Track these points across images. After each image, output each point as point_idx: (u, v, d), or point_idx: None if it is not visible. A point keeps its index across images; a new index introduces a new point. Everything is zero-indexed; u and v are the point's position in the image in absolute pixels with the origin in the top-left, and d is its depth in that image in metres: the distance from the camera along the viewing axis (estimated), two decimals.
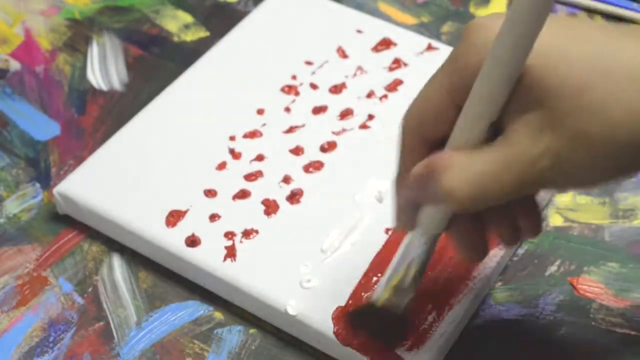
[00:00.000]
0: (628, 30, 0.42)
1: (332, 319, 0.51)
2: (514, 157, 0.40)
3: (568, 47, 0.40)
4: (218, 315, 0.54)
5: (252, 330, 0.54)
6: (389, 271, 0.49)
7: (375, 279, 0.53)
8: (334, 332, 0.51)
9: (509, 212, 0.45)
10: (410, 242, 0.47)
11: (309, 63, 0.64)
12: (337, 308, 0.51)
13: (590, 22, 0.42)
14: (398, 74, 0.64)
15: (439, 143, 0.44)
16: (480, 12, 0.70)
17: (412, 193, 0.45)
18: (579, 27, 0.41)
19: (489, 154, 0.41)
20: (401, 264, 0.48)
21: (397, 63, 0.64)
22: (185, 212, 0.56)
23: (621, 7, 0.70)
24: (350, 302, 0.52)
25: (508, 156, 0.41)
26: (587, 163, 0.40)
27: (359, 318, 0.51)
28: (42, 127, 0.64)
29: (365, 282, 0.53)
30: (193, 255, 0.54)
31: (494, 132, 0.42)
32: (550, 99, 0.40)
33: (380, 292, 0.49)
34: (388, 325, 0.50)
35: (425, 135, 0.44)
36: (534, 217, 0.45)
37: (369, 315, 0.50)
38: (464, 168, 0.41)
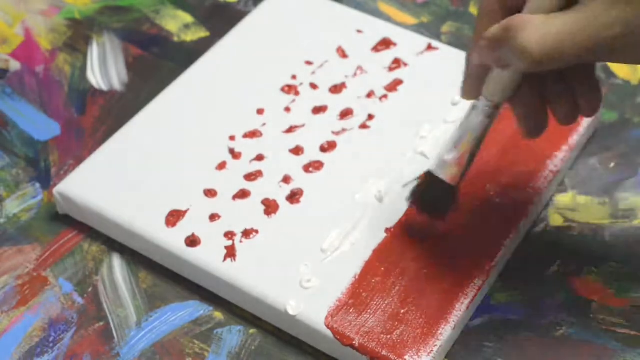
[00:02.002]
0: None
1: (326, 325, 0.51)
2: (588, 20, 0.44)
3: None
4: (218, 315, 0.54)
5: (252, 330, 0.54)
6: (446, 144, 0.52)
7: (374, 279, 0.53)
8: (334, 332, 0.51)
9: (570, 89, 0.48)
10: (469, 115, 0.50)
11: (309, 63, 0.64)
12: (327, 313, 0.52)
13: None
14: (398, 74, 0.64)
15: (515, 12, 0.47)
16: None
17: (483, 55, 0.47)
18: None
19: (564, 17, 0.44)
20: (457, 138, 0.51)
21: (397, 63, 0.64)
22: (185, 212, 0.56)
23: None
24: (351, 301, 0.52)
25: (582, 19, 0.44)
26: None
27: (414, 190, 0.54)
28: (42, 127, 0.64)
29: (365, 282, 0.53)
30: (193, 255, 0.54)
31: (568, 3, 0.45)
32: None
33: (435, 164, 0.52)
34: (438, 197, 0.53)
35: (503, 1, 0.48)
36: (594, 95, 0.49)
37: (423, 187, 0.53)
38: (540, 27, 0.44)
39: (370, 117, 0.61)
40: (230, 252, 0.54)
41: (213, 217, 0.56)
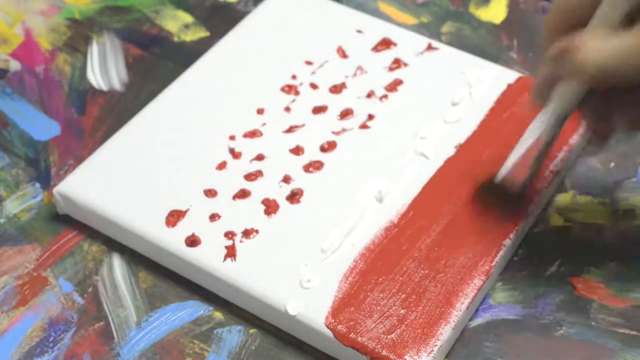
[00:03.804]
0: None
1: (326, 325, 0.51)
2: None
3: None
4: (218, 315, 0.54)
5: (252, 330, 0.54)
6: (515, 149, 0.54)
7: (374, 279, 0.53)
8: (334, 332, 0.51)
9: (637, 101, 0.49)
10: (539, 121, 0.52)
11: (309, 63, 0.64)
12: (327, 313, 0.52)
13: None
14: (398, 74, 0.64)
15: (582, 25, 0.48)
16: (480, 12, 0.70)
17: (550, 68, 0.50)
18: None
19: (624, 35, 0.46)
20: (526, 143, 0.53)
21: (397, 63, 0.64)
22: (185, 212, 0.56)
23: None
24: (351, 301, 0.52)
25: None
26: None
27: (482, 193, 0.56)
28: (42, 127, 0.64)
29: (365, 282, 0.53)
30: (193, 255, 0.54)
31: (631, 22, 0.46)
32: None
33: (503, 172, 0.54)
34: (507, 201, 0.55)
35: (570, 17, 0.49)
36: None
37: (490, 191, 0.55)
38: (599, 44, 0.46)
39: (370, 117, 0.61)
40: (230, 252, 0.54)
41: (213, 217, 0.56)
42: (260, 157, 0.59)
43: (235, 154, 0.59)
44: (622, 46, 0.45)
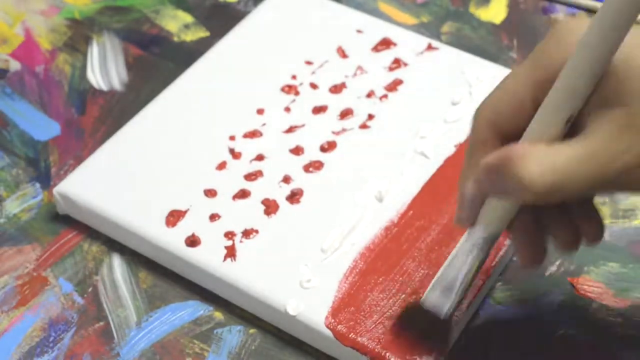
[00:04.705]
0: None
1: (326, 325, 0.51)
2: (595, 151, 0.40)
3: None
4: (218, 315, 0.54)
5: (252, 330, 0.54)
6: (439, 272, 0.48)
7: (374, 279, 0.53)
8: (334, 332, 0.51)
9: (571, 217, 0.45)
10: (464, 244, 0.47)
11: (309, 63, 0.65)
12: (327, 313, 0.52)
13: None
14: (398, 73, 0.64)
15: (510, 139, 0.44)
16: (480, 12, 0.70)
17: (480, 185, 0.44)
18: None
19: (567, 147, 0.41)
20: (452, 267, 0.48)
21: (397, 63, 0.64)
22: (185, 212, 0.56)
23: None
24: (351, 301, 0.52)
25: (588, 149, 0.41)
26: None
27: (403, 320, 0.50)
28: (42, 127, 0.64)
29: (365, 282, 0.53)
30: (193, 255, 0.54)
31: (570, 131, 0.42)
32: (635, 99, 0.40)
33: (428, 293, 0.48)
34: (431, 329, 0.50)
35: (499, 128, 0.44)
36: (595, 223, 0.45)
37: (414, 317, 0.50)
38: (542, 158, 0.41)
39: (370, 117, 0.61)
40: (230, 252, 0.54)
41: (213, 217, 0.56)
42: (260, 157, 0.59)
43: (235, 154, 0.59)
44: (573, 154, 0.41)
